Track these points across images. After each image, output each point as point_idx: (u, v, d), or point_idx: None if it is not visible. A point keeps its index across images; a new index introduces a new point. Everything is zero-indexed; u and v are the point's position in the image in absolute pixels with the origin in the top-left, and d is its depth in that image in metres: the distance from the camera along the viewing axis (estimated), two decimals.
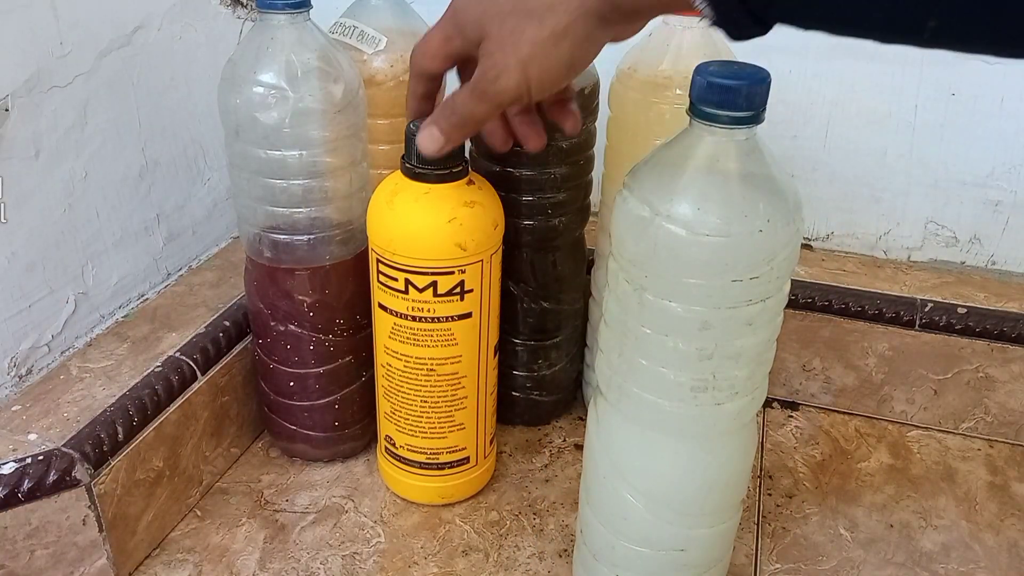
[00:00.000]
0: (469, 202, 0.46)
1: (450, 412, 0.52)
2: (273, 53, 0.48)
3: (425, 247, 0.46)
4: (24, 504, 0.45)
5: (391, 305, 0.48)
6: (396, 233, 0.46)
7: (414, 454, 0.54)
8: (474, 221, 0.46)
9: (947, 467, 0.62)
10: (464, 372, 0.50)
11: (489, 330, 0.50)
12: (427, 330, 0.48)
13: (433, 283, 0.47)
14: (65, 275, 0.54)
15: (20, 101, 0.48)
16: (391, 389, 0.52)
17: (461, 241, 0.46)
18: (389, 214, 0.47)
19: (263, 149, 0.48)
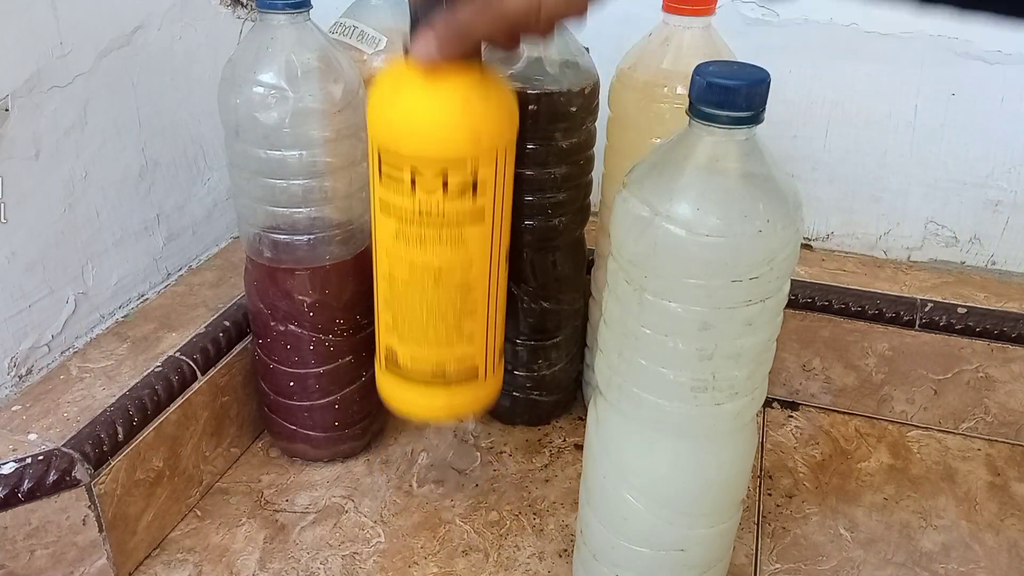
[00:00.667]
0: (483, 87, 0.40)
1: (459, 321, 0.46)
2: (273, 53, 0.48)
3: (435, 135, 0.40)
4: (24, 504, 0.45)
5: (395, 204, 0.42)
6: (401, 121, 0.41)
7: (419, 365, 0.47)
8: (489, 108, 0.41)
9: (947, 467, 0.62)
10: (474, 278, 0.45)
11: (502, 233, 0.46)
12: (435, 232, 0.43)
13: (443, 177, 0.41)
14: (65, 275, 0.54)
15: (20, 101, 0.48)
16: (394, 298, 0.46)
17: (475, 129, 0.40)
18: (393, 101, 0.41)
19: (263, 149, 0.48)
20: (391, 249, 0.44)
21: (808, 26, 0.63)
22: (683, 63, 0.49)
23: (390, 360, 0.49)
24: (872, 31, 0.62)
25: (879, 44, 0.62)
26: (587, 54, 0.54)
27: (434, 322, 0.46)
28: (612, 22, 0.67)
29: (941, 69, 0.62)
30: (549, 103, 0.51)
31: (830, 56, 0.63)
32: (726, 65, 0.34)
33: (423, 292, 0.45)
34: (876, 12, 0.61)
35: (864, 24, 0.62)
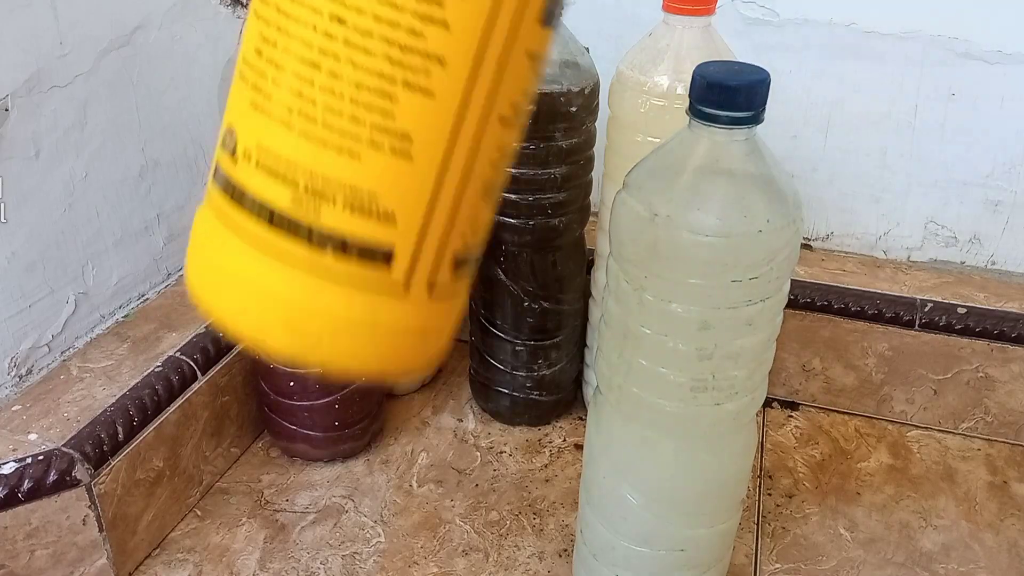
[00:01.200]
0: None
1: (389, 93, 0.22)
2: None
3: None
4: (24, 504, 0.45)
5: None
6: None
7: (276, 183, 0.23)
8: None
9: (947, 467, 0.62)
10: (451, 39, 0.21)
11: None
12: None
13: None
14: (65, 275, 0.54)
15: (20, 101, 0.48)
16: (272, 28, 0.23)
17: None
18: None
19: None
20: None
21: (808, 26, 0.63)
22: (683, 63, 0.49)
23: (227, 163, 0.25)
24: (872, 31, 0.62)
25: (879, 44, 0.62)
26: (587, 54, 0.54)
27: (341, 88, 0.22)
28: (612, 22, 0.67)
29: (941, 69, 0.62)
30: (549, 103, 0.51)
31: (830, 56, 0.63)
32: (726, 65, 0.35)
33: (329, 37, 0.22)
34: (876, 12, 0.61)
35: (864, 24, 0.62)
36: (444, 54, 0.21)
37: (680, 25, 0.50)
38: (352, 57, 0.21)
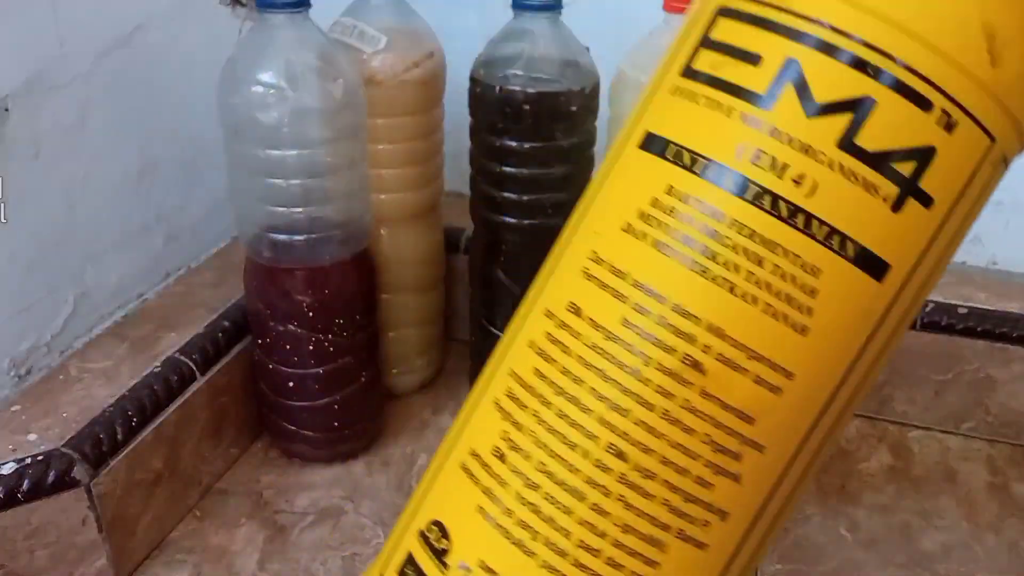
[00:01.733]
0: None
1: (659, 542, 0.19)
2: (272, 52, 0.47)
3: (905, 5, 0.17)
4: (24, 504, 0.44)
5: (691, 136, 0.18)
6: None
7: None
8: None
9: (948, 467, 0.62)
10: (776, 423, 0.19)
11: (891, 340, 0.20)
12: (754, 238, 0.17)
13: (860, 107, 0.17)
14: (65, 275, 0.54)
15: (20, 101, 0.48)
16: (534, 392, 0.20)
17: (1002, 31, 0.17)
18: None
19: (262, 149, 0.48)
20: (612, 249, 0.19)
21: None
22: None
23: (422, 562, 0.21)
24: None
25: None
26: (587, 54, 0.54)
27: (589, 532, 0.19)
28: (612, 22, 0.67)
29: None
30: (549, 103, 0.51)
31: None
32: None
33: (654, 371, 0.18)
34: None
35: None
36: (728, 508, 0.19)
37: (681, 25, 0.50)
38: (626, 496, 0.18)
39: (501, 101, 0.52)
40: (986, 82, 0.16)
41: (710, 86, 0.17)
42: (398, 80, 0.56)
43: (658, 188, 0.17)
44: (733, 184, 0.16)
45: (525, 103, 0.51)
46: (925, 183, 0.17)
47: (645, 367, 0.17)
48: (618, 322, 0.18)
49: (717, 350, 0.17)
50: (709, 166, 0.17)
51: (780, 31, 0.16)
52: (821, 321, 0.17)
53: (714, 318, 0.17)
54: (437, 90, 0.58)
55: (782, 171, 0.16)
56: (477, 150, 0.56)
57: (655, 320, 0.17)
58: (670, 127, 0.18)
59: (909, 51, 0.16)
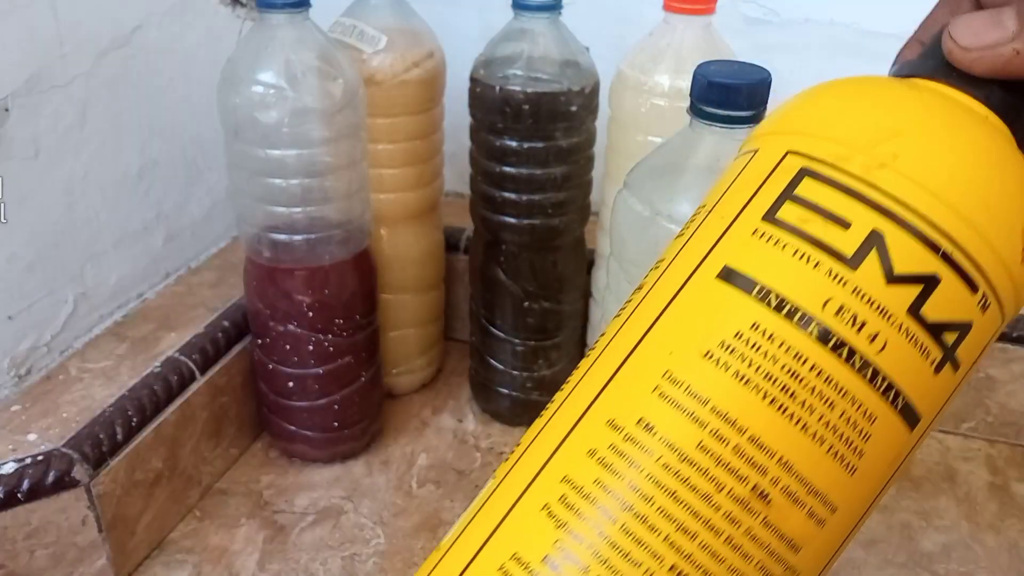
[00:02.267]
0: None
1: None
2: (272, 52, 0.47)
3: (977, 196, 0.20)
4: (24, 504, 0.44)
5: (780, 281, 0.20)
6: (918, 135, 0.21)
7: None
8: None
9: (948, 467, 0.62)
10: (813, 550, 0.21)
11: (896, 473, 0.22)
12: (829, 383, 0.19)
13: (928, 281, 0.20)
14: (65, 275, 0.54)
15: (20, 101, 0.48)
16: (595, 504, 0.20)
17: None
18: (903, 98, 0.23)
19: (262, 149, 0.48)
20: (691, 372, 0.20)
21: (809, 25, 0.63)
22: (684, 62, 0.49)
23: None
24: (873, 30, 0.62)
25: (880, 43, 0.62)
26: (587, 54, 0.54)
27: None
28: (612, 21, 0.67)
29: None
30: (549, 103, 0.51)
31: (831, 55, 0.63)
32: (727, 64, 0.34)
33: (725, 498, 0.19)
34: (877, 12, 0.61)
35: (865, 23, 0.62)
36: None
37: (681, 24, 0.50)
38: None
39: (501, 101, 0.52)
40: (1015, 274, 0.20)
41: (797, 237, 0.20)
42: (398, 80, 0.56)
43: (743, 323, 0.19)
44: (818, 332, 0.19)
45: (525, 103, 0.51)
46: (960, 352, 0.20)
47: (717, 493, 0.18)
48: (694, 446, 0.19)
49: (784, 483, 0.19)
50: (797, 312, 0.19)
51: (869, 204, 0.19)
52: (867, 463, 0.19)
53: (786, 453, 0.19)
54: (437, 90, 0.58)
55: (861, 327, 0.19)
56: (477, 150, 0.56)
57: (732, 448, 0.19)
58: (754, 267, 0.20)
59: (971, 241, 0.19)
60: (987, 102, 0.22)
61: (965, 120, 0.21)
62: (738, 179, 0.22)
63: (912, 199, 0.19)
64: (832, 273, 0.19)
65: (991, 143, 0.21)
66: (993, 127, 0.21)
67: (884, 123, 0.21)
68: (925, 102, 0.22)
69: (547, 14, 0.51)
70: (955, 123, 0.21)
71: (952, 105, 0.22)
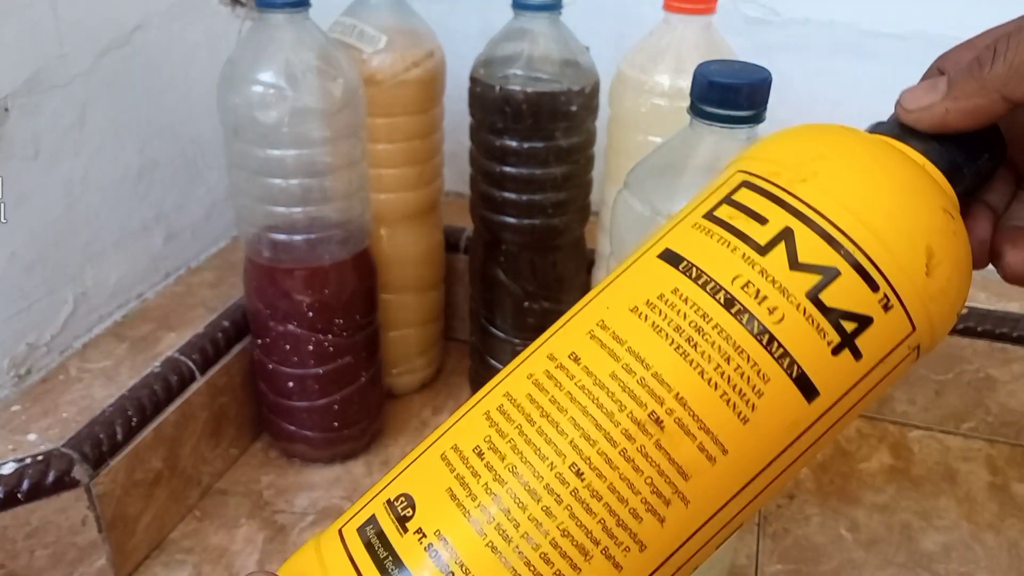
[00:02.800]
0: (956, 221, 0.25)
1: (587, 552, 0.23)
2: (272, 52, 0.47)
3: (885, 212, 0.23)
4: (24, 504, 0.44)
5: (702, 258, 0.24)
6: (836, 159, 0.25)
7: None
8: (964, 254, 0.25)
9: (948, 467, 0.62)
10: (703, 485, 0.23)
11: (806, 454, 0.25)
12: (728, 341, 0.23)
13: (827, 272, 0.23)
14: (64, 275, 0.54)
15: (20, 101, 0.48)
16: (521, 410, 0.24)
17: (938, 253, 0.24)
18: (833, 135, 0.27)
19: (262, 148, 0.48)
20: (618, 321, 0.24)
21: (809, 25, 0.63)
22: (684, 62, 0.49)
23: (386, 527, 0.24)
24: (873, 30, 0.62)
25: (880, 43, 0.62)
26: (587, 53, 0.54)
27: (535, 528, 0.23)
28: (612, 21, 0.67)
29: None
30: (549, 102, 0.51)
31: (831, 55, 0.63)
32: (727, 64, 0.34)
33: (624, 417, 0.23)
34: (877, 12, 0.61)
35: (865, 23, 0.62)
36: (648, 542, 0.23)
37: (681, 24, 0.50)
38: (572, 507, 0.22)
39: (501, 101, 0.52)
40: (918, 286, 0.24)
41: (724, 229, 0.24)
42: (398, 80, 0.56)
43: (666, 287, 0.24)
44: (724, 298, 0.23)
45: (525, 103, 0.51)
46: (860, 342, 0.23)
47: (619, 412, 0.23)
48: (607, 374, 0.23)
49: (677, 414, 0.23)
50: (710, 282, 0.23)
51: (786, 207, 0.24)
52: (759, 417, 0.23)
53: (682, 390, 0.23)
54: (437, 90, 0.58)
55: (762, 300, 0.23)
56: (477, 150, 0.56)
57: (637, 380, 0.23)
58: (686, 249, 0.24)
59: (873, 246, 0.23)
60: (926, 154, 0.26)
61: (894, 158, 0.25)
62: (701, 192, 0.27)
63: (822, 206, 0.23)
64: (746, 256, 0.23)
65: (910, 176, 0.25)
66: (923, 172, 0.25)
67: (816, 150, 0.25)
68: (862, 140, 0.26)
69: (547, 14, 0.51)
70: (881, 157, 0.25)
71: (890, 149, 0.26)
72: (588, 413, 0.23)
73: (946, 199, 0.25)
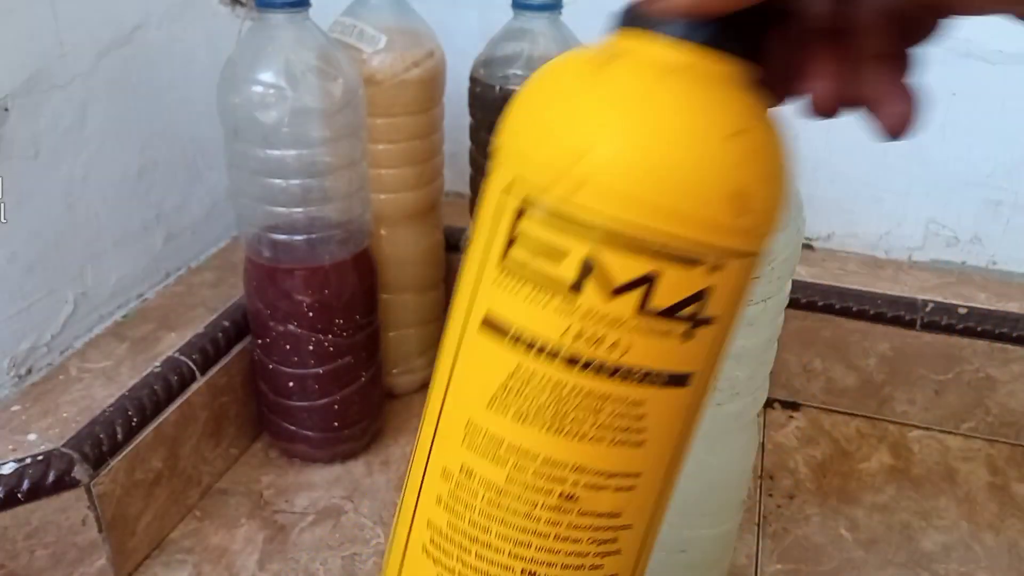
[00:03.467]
0: (763, 117, 0.23)
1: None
2: (272, 52, 0.47)
3: (664, 184, 0.20)
4: (24, 504, 0.44)
5: (523, 322, 0.22)
6: (598, 139, 0.21)
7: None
8: (770, 158, 0.23)
9: (948, 467, 0.62)
10: (634, 507, 0.24)
11: (702, 405, 0.25)
12: (596, 397, 0.22)
13: (646, 281, 0.21)
14: (65, 275, 0.54)
15: (20, 101, 0.48)
16: (453, 537, 0.24)
17: (745, 188, 0.21)
18: (587, 99, 0.21)
19: (262, 148, 0.48)
20: (477, 418, 0.23)
21: None
22: None
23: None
24: None
25: None
26: None
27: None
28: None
29: (941, 69, 0.61)
30: None
31: None
32: None
33: (527, 529, 0.23)
34: None
35: None
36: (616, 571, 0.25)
37: None
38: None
39: (501, 101, 0.52)
40: (738, 229, 0.21)
41: (526, 279, 0.22)
42: (398, 80, 0.56)
43: (508, 369, 0.22)
44: (565, 360, 0.22)
45: None
46: (706, 313, 0.22)
47: (534, 510, 0.23)
48: (504, 480, 0.23)
49: (583, 481, 0.23)
50: (545, 347, 0.22)
51: (577, 229, 0.21)
52: (652, 434, 0.23)
53: (575, 460, 0.22)
54: (437, 90, 0.58)
55: (599, 342, 0.21)
56: (477, 150, 0.56)
57: (532, 473, 0.23)
58: (504, 313, 0.22)
59: (678, 228, 0.20)
60: (692, 38, 0.21)
61: (656, 100, 0.21)
62: (484, 205, 0.24)
63: (612, 211, 0.20)
64: (562, 304, 0.21)
65: (686, 118, 0.21)
66: (698, 90, 0.21)
67: (577, 141, 0.21)
68: (613, 98, 0.21)
69: (547, 14, 0.51)
70: (644, 112, 0.21)
71: (643, 84, 0.21)
72: (508, 523, 0.23)
73: (736, 108, 0.21)
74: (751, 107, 0.22)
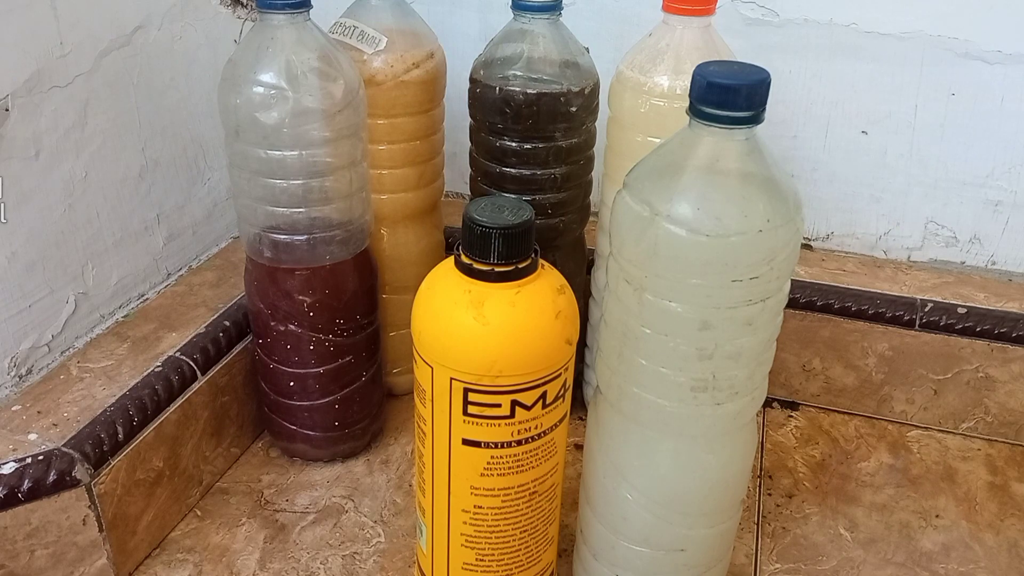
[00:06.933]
0: (560, 287, 0.39)
1: (546, 529, 0.44)
2: (273, 53, 0.48)
3: (539, 355, 0.38)
4: (24, 504, 0.45)
5: (489, 438, 0.39)
6: (500, 351, 0.37)
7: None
8: (571, 306, 0.40)
9: (947, 467, 0.62)
10: (559, 479, 0.44)
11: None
12: (532, 450, 0.40)
13: (542, 395, 0.39)
14: (65, 275, 0.54)
15: (20, 101, 0.48)
16: (480, 534, 0.42)
17: (569, 335, 0.39)
18: (483, 332, 0.37)
19: (263, 149, 0.48)
20: (479, 484, 0.41)
21: (808, 26, 0.63)
22: (683, 63, 0.49)
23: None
24: (872, 31, 0.62)
25: (879, 44, 0.62)
26: (587, 54, 0.54)
27: (527, 543, 0.43)
28: (612, 22, 0.67)
29: (941, 69, 0.62)
30: (549, 103, 0.51)
31: (830, 56, 0.63)
32: (726, 65, 0.34)
33: (516, 515, 0.42)
34: (876, 12, 0.61)
35: (864, 24, 0.62)
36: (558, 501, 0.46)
37: (680, 25, 0.50)
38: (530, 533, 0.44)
39: (501, 101, 0.52)
40: (568, 352, 0.40)
41: (483, 418, 0.39)
42: (398, 80, 0.56)
43: (485, 458, 0.40)
44: (515, 443, 0.41)
45: (525, 104, 0.51)
46: (565, 391, 0.42)
47: (518, 507, 0.42)
48: (499, 503, 0.42)
49: (538, 483, 0.43)
50: (502, 443, 0.40)
51: (502, 391, 0.39)
52: (558, 448, 0.43)
53: (533, 476, 0.42)
54: (437, 91, 0.58)
55: (529, 429, 0.40)
56: (477, 150, 0.56)
57: (513, 492, 0.42)
58: (474, 435, 0.40)
59: (544, 369, 0.38)
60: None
61: (519, 325, 0.38)
62: (430, 383, 0.41)
63: (517, 377, 0.38)
64: (505, 424, 0.40)
65: (535, 317, 0.38)
66: (529, 292, 0.38)
67: (490, 356, 0.38)
68: (497, 329, 0.38)
69: (547, 15, 0.51)
70: (517, 334, 0.38)
71: (508, 316, 0.38)
72: (507, 520, 0.42)
73: (550, 296, 0.39)
74: (555, 286, 0.39)
